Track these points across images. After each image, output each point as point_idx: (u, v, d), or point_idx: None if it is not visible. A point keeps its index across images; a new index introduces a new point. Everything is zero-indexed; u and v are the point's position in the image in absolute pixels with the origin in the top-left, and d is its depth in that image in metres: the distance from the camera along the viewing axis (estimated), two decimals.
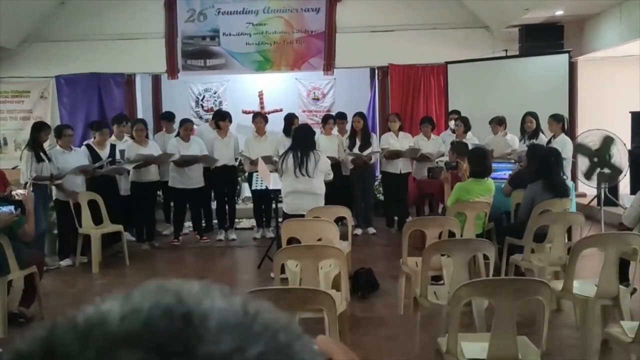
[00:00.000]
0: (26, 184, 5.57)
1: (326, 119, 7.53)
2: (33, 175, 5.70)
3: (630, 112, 7.60)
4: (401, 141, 7.42)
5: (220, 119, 7.29)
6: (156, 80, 9.86)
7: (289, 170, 4.91)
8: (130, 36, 8.83)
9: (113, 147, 6.58)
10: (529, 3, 7.14)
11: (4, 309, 4.16)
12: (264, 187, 6.14)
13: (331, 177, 5.27)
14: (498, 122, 7.01)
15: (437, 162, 7.15)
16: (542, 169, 4.82)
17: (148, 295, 0.36)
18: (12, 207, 4.14)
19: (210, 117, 8.04)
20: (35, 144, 5.82)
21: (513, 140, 6.90)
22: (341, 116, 7.64)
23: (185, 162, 6.84)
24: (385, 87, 9.14)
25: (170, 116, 7.67)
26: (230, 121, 7.30)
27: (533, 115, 6.60)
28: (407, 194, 7.59)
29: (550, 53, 8.04)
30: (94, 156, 6.37)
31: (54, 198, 6.13)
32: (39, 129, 5.93)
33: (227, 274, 5.94)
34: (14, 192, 4.60)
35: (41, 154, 5.83)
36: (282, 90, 10.38)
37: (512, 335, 2.47)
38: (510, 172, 6.00)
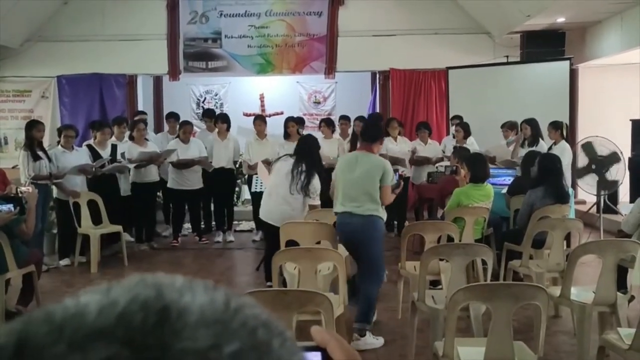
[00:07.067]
0: (26, 183, 5.57)
1: (320, 123, 7.65)
2: (31, 174, 5.69)
3: (630, 120, 7.61)
4: (400, 146, 7.42)
5: (216, 119, 7.34)
6: (158, 81, 9.90)
7: (276, 173, 4.73)
8: (132, 37, 8.85)
9: (114, 147, 6.58)
10: (531, 10, 7.15)
11: (2, 307, 4.16)
12: (264, 189, 6.14)
13: (317, 203, 4.76)
14: (509, 127, 7.01)
15: (436, 167, 7.15)
16: (544, 175, 4.83)
17: (128, 288, 0.36)
18: (10, 206, 4.15)
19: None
20: (30, 143, 5.82)
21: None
22: (344, 118, 7.67)
23: (183, 164, 6.85)
24: (386, 92, 9.16)
25: (177, 116, 7.70)
26: (224, 122, 7.22)
27: (528, 122, 6.60)
28: (407, 198, 7.59)
29: (551, 60, 8.06)
30: (95, 156, 6.37)
31: (54, 197, 6.14)
32: (32, 126, 5.93)
33: (225, 275, 5.93)
34: (19, 189, 4.61)
35: (39, 152, 5.83)
36: (283, 93, 10.40)
37: (508, 340, 2.47)
38: (512, 178, 6.01)
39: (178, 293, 0.36)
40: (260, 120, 7.44)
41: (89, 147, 6.50)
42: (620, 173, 6.62)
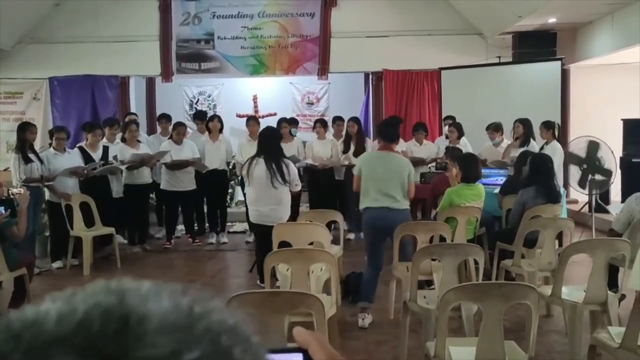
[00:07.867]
0: (17, 186, 5.54)
1: (315, 124, 7.63)
2: (23, 177, 5.67)
3: (621, 119, 7.65)
4: None
5: (210, 119, 7.32)
6: (150, 83, 9.87)
7: (258, 180, 4.78)
8: (125, 38, 8.83)
9: (106, 148, 6.56)
10: (523, 10, 7.19)
11: None
12: None
13: (299, 187, 5.09)
14: (495, 129, 7.03)
15: (429, 168, 7.17)
16: (536, 175, 4.84)
17: (90, 295, 0.36)
18: (1, 208, 4.13)
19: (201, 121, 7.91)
20: (22, 145, 5.80)
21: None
22: (339, 119, 7.67)
23: (176, 165, 6.84)
24: (379, 92, 9.17)
25: (169, 117, 7.69)
26: (219, 121, 7.28)
27: (521, 121, 6.63)
28: None
29: (543, 60, 8.10)
30: (87, 158, 6.35)
31: (46, 199, 6.11)
32: (24, 128, 5.91)
33: (217, 277, 5.92)
34: (10, 191, 4.59)
35: (30, 155, 5.80)
36: (276, 94, 10.40)
37: (499, 340, 2.48)
38: (503, 178, 6.03)
39: (141, 299, 0.35)
40: (253, 121, 7.43)
41: (81, 149, 6.47)
42: (609, 157, 6.65)
